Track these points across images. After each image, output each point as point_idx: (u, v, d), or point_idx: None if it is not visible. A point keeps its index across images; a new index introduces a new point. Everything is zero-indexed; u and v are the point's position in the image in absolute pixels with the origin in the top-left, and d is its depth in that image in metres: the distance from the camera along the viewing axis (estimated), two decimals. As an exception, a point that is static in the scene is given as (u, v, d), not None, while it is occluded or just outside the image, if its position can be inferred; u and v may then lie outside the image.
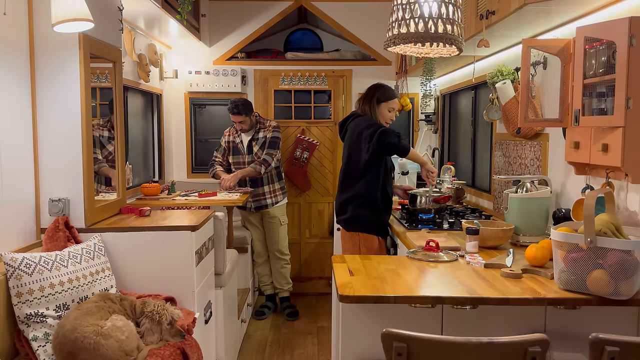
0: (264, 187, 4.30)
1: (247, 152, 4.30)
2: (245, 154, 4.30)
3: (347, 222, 3.04)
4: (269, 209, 4.35)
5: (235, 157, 4.35)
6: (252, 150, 4.28)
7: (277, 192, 4.35)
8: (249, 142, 4.29)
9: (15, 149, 2.36)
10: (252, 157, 4.27)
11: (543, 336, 1.47)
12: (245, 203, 4.32)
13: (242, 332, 3.91)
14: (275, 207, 4.36)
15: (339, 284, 1.87)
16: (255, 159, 4.23)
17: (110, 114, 2.94)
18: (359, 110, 3.15)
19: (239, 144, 4.33)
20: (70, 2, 2.15)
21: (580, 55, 2.06)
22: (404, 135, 5.22)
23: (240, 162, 4.32)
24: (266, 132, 4.27)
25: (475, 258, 2.20)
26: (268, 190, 4.32)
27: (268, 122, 4.34)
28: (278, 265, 4.46)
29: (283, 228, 4.43)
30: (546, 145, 2.81)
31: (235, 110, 4.16)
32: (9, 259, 2.10)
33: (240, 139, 4.34)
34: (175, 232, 2.62)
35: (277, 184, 4.36)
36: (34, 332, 2.10)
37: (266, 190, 4.31)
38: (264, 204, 4.33)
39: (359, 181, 2.99)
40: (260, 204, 4.33)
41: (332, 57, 5.13)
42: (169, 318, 2.26)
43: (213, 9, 4.99)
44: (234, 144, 4.35)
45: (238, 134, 4.35)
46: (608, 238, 1.70)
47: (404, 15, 2.04)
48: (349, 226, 3.04)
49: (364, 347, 1.93)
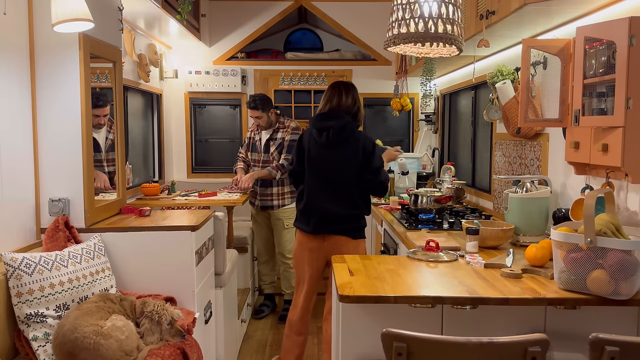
0: (272, 188, 4.24)
1: (263, 150, 4.24)
2: (261, 152, 4.26)
3: (354, 231, 2.99)
4: (275, 211, 4.29)
5: (252, 154, 4.33)
6: (269, 150, 4.22)
7: (285, 196, 4.27)
8: (266, 140, 4.23)
9: (15, 149, 2.36)
10: (268, 157, 4.22)
11: (543, 336, 1.47)
12: (252, 201, 4.32)
13: (242, 332, 3.91)
14: (281, 210, 4.28)
15: (339, 284, 1.87)
16: (271, 159, 4.19)
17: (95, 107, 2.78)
18: (344, 109, 2.99)
19: (257, 142, 4.29)
20: (70, 2, 2.15)
21: (580, 55, 2.06)
22: (404, 135, 5.23)
23: (256, 160, 4.29)
24: (285, 134, 4.19)
25: (475, 258, 2.20)
26: (276, 192, 4.25)
27: (288, 121, 4.26)
28: (282, 268, 4.40)
29: (287, 232, 4.31)
30: (546, 145, 2.81)
31: (252, 104, 4.11)
32: (9, 259, 2.10)
33: (259, 136, 4.29)
34: (175, 232, 2.62)
35: (287, 187, 4.27)
36: (34, 332, 2.10)
37: (274, 192, 4.25)
38: (269, 204, 4.28)
39: (353, 191, 2.96)
40: (267, 204, 4.28)
41: (332, 57, 5.13)
42: (168, 318, 2.26)
43: (213, 9, 4.99)
44: (252, 141, 4.33)
45: (258, 130, 4.31)
46: (608, 238, 1.70)
47: (404, 15, 2.03)
48: (356, 234, 3.00)
49: (364, 347, 1.93)
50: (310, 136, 3.03)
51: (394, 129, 5.24)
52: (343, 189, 2.95)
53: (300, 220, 3.08)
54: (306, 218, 3.03)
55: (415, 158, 4.72)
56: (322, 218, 2.96)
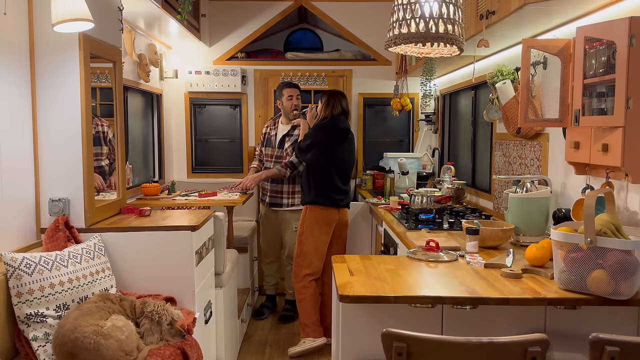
0: (283, 185, 4.16)
1: (278, 145, 4.22)
2: (275, 147, 4.23)
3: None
4: (283, 210, 4.19)
5: (266, 149, 4.30)
6: (284, 145, 4.19)
7: (295, 195, 4.16)
8: (282, 136, 4.20)
9: (15, 149, 2.36)
10: (282, 152, 4.18)
11: (543, 336, 1.47)
12: (263, 198, 4.28)
13: (242, 332, 3.91)
14: (290, 209, 4.17)
15: (339, 284, 1.87)
16: (284, 155, 4.15)
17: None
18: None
19: (272, 137, 4.28)
20: (70, 2, 2.15)
21: (580, 55, 2.06)
22: (404, 135, 5.24)
23: (269, 155, 4.26)
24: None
25: (475, 258, 2.20)
26: (287, 190, 4.17)
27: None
28: (288, 269, 4.29)
29: (295, 234, 4.08)
30: (546, 145, 2.82)
31: (292, 83, 4.25)
32: (9, 259, 2.10)
33: (275, 131, 4.28)
34: (175, 232, 2.62)
35: (299, 187, 4.10)
36: (34, 332, 2.10)
37: (285, 190, 4.17)
38: (279, 202, 4.18)
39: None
40: (276, 201, 4.19)
41: (332, 57, 5.13)
42: (169, 318, 2.26)
43: (213, 9, 4.99)
44: (268, 136, 4.32)
45: (275, 126, 4.30)
46: (608, 238, 1.70)
47: (405, 15, 2.03)
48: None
49: (364, 347, 1.93)
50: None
51: (394, 129, 5.24)
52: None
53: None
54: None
55: (415, 158, 4.72)
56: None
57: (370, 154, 5.19)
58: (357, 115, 5.14)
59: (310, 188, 3.71)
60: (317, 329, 3.69)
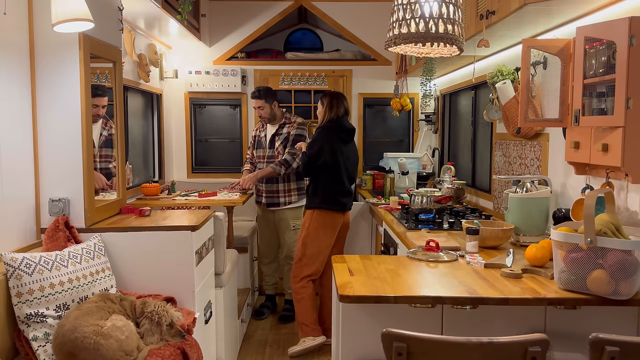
0: (278, 184, 4.15)
1: (268, 146, 4.21)
2: (266, 148, 4.22)
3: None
4: (281, 209, 4.18)
5: (257, 151, 4.30)
6: (274, 145, 4.18)
7: (292, 192, 4.16)
8: (272, 136, 4.20)
9: (15, 149, 2.36)
10: (273, 152, 4.17)
11: (543, 336, 1.47)
12: (259, 199, 4.27)
13: (242, 332, 3.91)
14: (287, 207, 4.17)
15: (339, 284, 1.87)
16: (276, 154, 4.14)
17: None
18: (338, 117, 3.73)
19: (262, 138, 4.27)
20: (70, 2, 2.15)
21: (580, 55, 2.06)
22: (404, 135, 5.24)
23: (261, 156, 4.25)
24: (290, 129, 4.15)
25: (475, 258, 2.20)
26: (282, 189, 4.16)
27: (294, 117, 4.24)
28: (286, 269, 4.28)
29: (294, 233, 4.14)
30: (546, 145, 2.82)
31: (255, 94, 4.14)
32: (9, 259, 2.10)
33: (264, 132, 4.28)
34: (175, 232, 2.62)
35: (294, 184, 4.17)
36: (34, 332, 2.10)
37: (280, 189, 4.16)
38: (275, 202, 4.17)
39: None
40: (273, 201, 4.18)
41: (332, 57, 5.13)
42: (168, 320, 2.26)
43: (213, 9, 4.99)
44: (258, 138, 4.31)
45: (263, 127, 4.30)
46: (608, 238, 1.70)
47: (405, 15, 2.03)
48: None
49: (364, 347, 1.93)
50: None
51: (394, 129, 5.24)
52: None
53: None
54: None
55: (415, 158, 4.72)
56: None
57: (370, 154, 5.20)
58: (357, 115, 5.14)
59: (318, 192, 3.66)
60: (316, 328, 3.69)
